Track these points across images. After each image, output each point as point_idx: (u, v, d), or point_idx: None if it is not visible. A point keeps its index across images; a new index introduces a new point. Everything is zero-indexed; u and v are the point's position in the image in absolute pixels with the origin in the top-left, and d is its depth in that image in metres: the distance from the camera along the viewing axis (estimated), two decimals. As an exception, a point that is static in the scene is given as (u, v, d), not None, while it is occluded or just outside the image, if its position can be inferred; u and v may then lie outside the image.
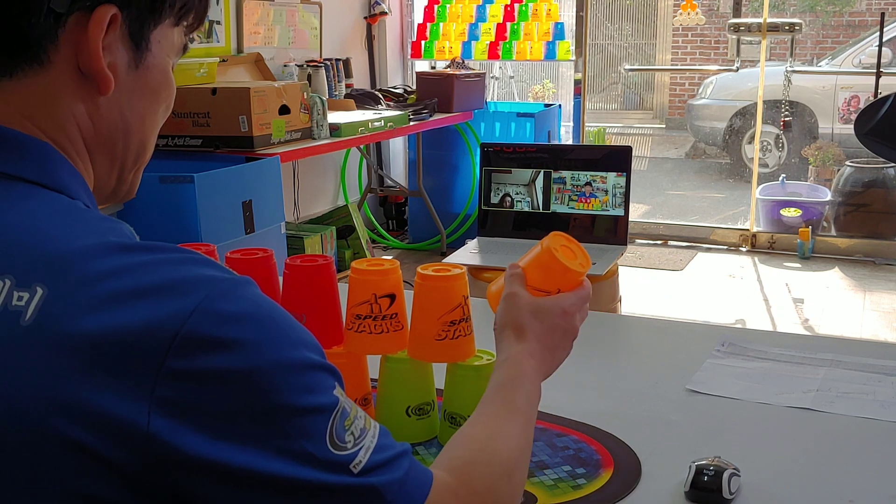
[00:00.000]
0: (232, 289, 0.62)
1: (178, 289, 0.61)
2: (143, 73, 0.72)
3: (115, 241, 0.63)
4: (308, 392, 0.63)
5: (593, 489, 1.01)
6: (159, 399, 0.58)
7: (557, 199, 2.46)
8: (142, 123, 0.74)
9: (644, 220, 5.67)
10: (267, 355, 0.61)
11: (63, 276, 0.60)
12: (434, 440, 1.16)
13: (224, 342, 0.60)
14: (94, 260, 0.61)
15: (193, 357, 0.59)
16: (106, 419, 0.58)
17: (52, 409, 0.58)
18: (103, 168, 0.73)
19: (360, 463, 0.63)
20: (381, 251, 5.25)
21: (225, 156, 3.32)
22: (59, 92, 0.68)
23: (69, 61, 0.67)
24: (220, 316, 0.60)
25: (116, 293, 0.60)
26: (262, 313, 0.63)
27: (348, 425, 0.64)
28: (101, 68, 0.68)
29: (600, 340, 1.55)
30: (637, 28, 9.85)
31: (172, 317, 0.59)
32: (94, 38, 0.66)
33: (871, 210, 5.19)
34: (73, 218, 0.65)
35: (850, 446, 1.12)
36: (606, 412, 1.21)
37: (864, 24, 8.40)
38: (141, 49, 0.71)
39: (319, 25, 4.80)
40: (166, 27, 0.72)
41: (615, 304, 2.55)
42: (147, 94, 0.73)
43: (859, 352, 1.40)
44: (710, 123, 7.58)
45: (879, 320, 4.05)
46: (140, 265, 0.62)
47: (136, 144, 0.75)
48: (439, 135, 5.05)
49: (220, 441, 0.59)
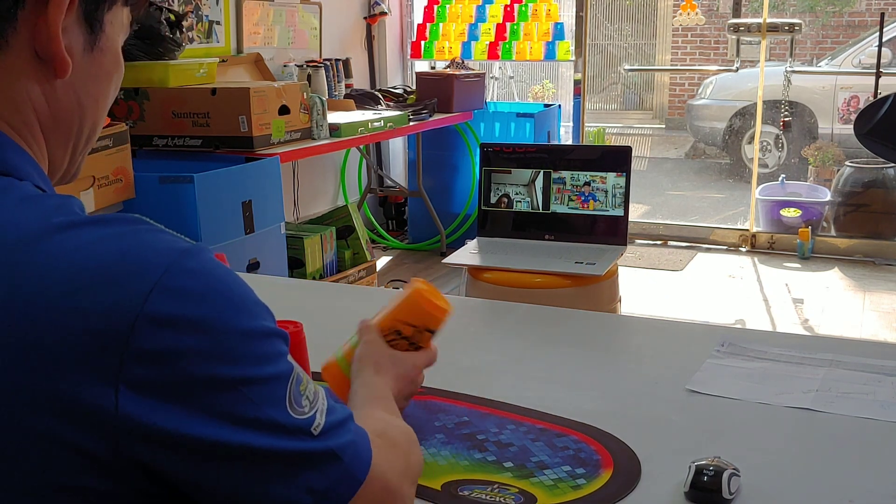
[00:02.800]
0: (188, 260, 0.62)
1: (134, 266, 0.60)
2: (98, 55, 0.71)
3: (62, 220, 0.62)
4: (267, 360, 0.64)
5: (593, 489, 1.01)
6: (125, 381, 0.58)
7: (557, 200, 2.46)
8: (95, 105, 0.73)
9: (644, 221, 5.67)
10: (227, 327, 0.62)
11: (12, 263, 0.59)
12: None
13: (185, 319, 0.60)
14: (43, 243, 0.60)
15: (155, 336, 0.59)
16: (76, 407, 0.58)
17: (23, 403, 0.58)
18: (58, 150, 0.73)
19: (318, 425, 0.66)
20: (381, 251, 5.25)
21: (225, 156, 3.32)
22: (15, 75, 0.67)
23: (26, 44, 0.66)
24: (178, 292, 0.60)
25: (71, 277, 0.59)
26: (220, 285, 0.63)
27: (303, 390, 0.66)
28: (59, 51, 0.66)
29: (600, 340, 1.55)
30: (637, 28, 9.84)
31: (131, 298, 0.59)
32: (53, 21, 0.65)
33: (870, 210, 5.19)
34: (18, 202, 0.64)
35: (850, 446, 1.12)
36: (606, 412, 1.21)
37: (864, 25, 8.40)
38: (95, 31, 0.70)
39: (319, 25, 4.80)
40: (118, 7, 0.72)
41: (615, 305, 2.55)
42: (101, 75, 0.72)
43: (859, 352, 1.40)
44: (710, 123, 7.58)
45: (879, 320, 4.05)
46: (91, 242, 0.61)
47: (90, 126, 0.74)
48: (439, 135, 5.05)
49: (187, 416, 0.60)
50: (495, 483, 1.02)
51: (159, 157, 3.41)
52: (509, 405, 1.23)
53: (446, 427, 1.17)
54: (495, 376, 1.34)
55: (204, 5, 4.04)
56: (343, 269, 3.90)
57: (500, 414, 1.21)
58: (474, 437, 1.14)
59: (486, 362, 1.41)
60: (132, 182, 2.95)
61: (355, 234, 3.97)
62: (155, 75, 3.34)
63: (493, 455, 1.09)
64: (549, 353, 1.45)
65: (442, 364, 1.41)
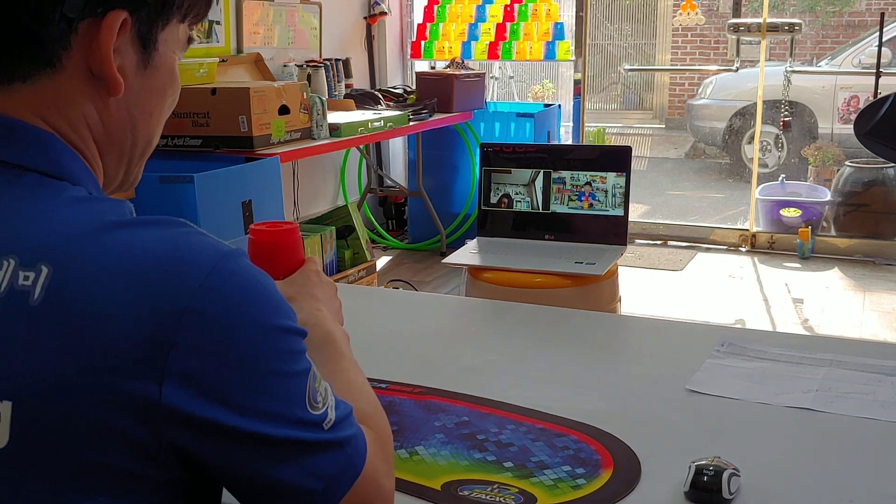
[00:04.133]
0: (229, 262, 0.66)
1: (183, 265, 0.64)
2: (151, 72, 0.74)
3: (114, 219, 0.66)
4: (293, 358, 0.69)
5: (593, 489, 1.01)
6: (169, 372, 0.62)
7: (557, 199, 2.46)
8: (149, 120, 0.76)
9: (644, 221, 5.67)
10: (264, 324, 0.66)
11: (66, 256, 0.63)
12: None
13: (226, 315, 0.64)
14: (96, 239, 0.64)
15: (200, 331, 0.63)
16: (122, 395, 0.61)
17: (74, 390, 0.61)
18: (112, 163, 0.76)
19: (330, 420, 0.70)
20: (381, 251, 5.25)
21: (225, 156, 3.31)
22: (71, 94, 0.70)
23: (81, 65, 0.69)
24: (221, 291, 0.64)
25: (123, 272, 0.63)
26: (257, 285, 0.68)
27: (318, 386, 0.71)
28: (111, 72, 0.70)
29: (600, 340, 1.55)
30: (637, 28, 9.84)
31: (179, 294, 0.63)
32: (105, 43, 0.69)
33: (870, 210, 5.18)
34: (73, 203, 0.67)
35: (850, 446, 1.12)
36: (606, 412, 1.21)
37: (864, 24, 8.40)
38: (149, 50, 0.73)
39: (319, 25, 4.80)
40: (173, 24, 0.74)
41: (615, 305, 2.55)
42: (154, 92, 0.75)
43: (859, 352, 1.40)
44: (710, 123, 7.58)
45: (879, 320, 4.05)
46: (142, 241, 0.65)
47: (143, 140, 0.77)
48: (439, 135, 5.05)
49: (223, 407, 0.64)
50: (495, 483, 1.02)
51: (159, 157, 3.40)
52: (509, 405, 1.23)
53: (446, 427, 1.17)
54: (495, 376, 1.34)
55: (204, 5, 4.04)
56: (343, 269, 3.90)
57: (500, 414, 1.21)
58: (474, 437, 1.14)
59: (486, 362, 1.41)
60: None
61: (355, 233, 3.96)
62: (155, 75, 3.34)
63: (493, 455, 1.09)
64: (549, 353, 1.45)
65: (442, 364, 1.41)
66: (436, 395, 1.27)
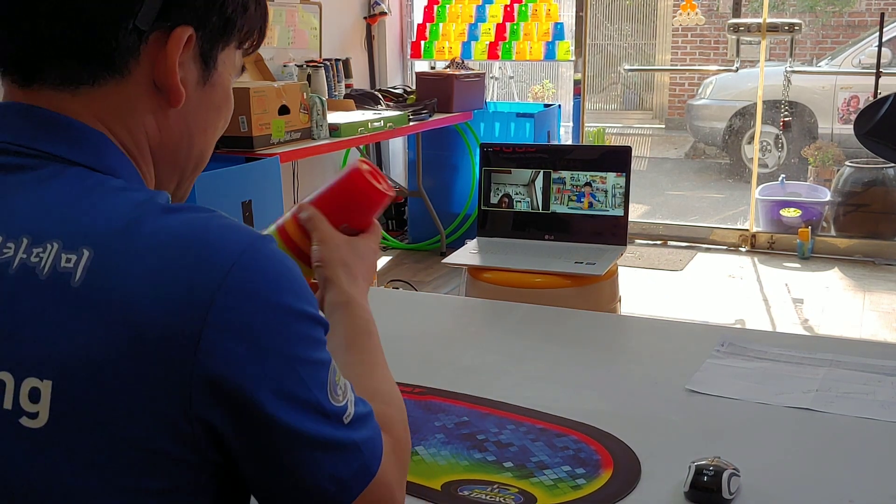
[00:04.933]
0: (262, 245, 0.69)
1: (218, 244, 0.67)
2: (209, 89, 0.79)
3: (151, 207, 0.69)
4: (316, 345, 0.70)
5: (593, 489, 1.01)
6: (202, 347, 0.64)
7: (557, 200, 2.46)
8: (203, 135, 0.81)
9: (644, 221, 5.67)
10: (292, 308, 0.68)
11: (107, 239, 0.66)
12: None
13: (258, 294, 0.66)
14: (134, 226, 0.67)
15: (232, 308, 0.65)
16: (157, 376, 0.63)
17: (110, 369, 0.63)
18: (165, 174, 0.80)
19: (349, 415, 0.71)
20: (381, 251, 5.25)
21: (225, 156, 3.31)
22: (134, 102, 0.74)
23: (146, 74, 0.73)
24: (254, 271, 0.67)
25: (161, 252, 0.65)
26: (287, 270, 0.69)
27: (338, 379, 0.71)
28: (175, 83, 0.74)
29: (600, 340, 1.55)
30: (637, 28, 9.84)
31: (214, 271, 0.65)
32: (171, 55, 0.73)
33: (870, 210, 5.18)
34: (113, 192, 0.70)
35: (850, 446, 1.12)
36: (606, 412, 1.21)
37: (864, 24, 8.40)
38: (209, 67, 0.78)
39: (319, 25, 4.80)
40: (231, 48, 0.79)
41: (615, 305, 2.55)
42: (211, 108, 0.80)
43: (859, 352, 1.40)
44: (710, 123, 7.58)
45: (879, 320, 4.05)
46: (179, 224, 0.67)
47: (197, 153, 0.82)
48: (439, 135, 5.05)
49: (251, 383, 0.65)
50: (495, 483, 1.02)
51: (159, 157, 3.41)
52: (509, 405, 1.23)
53: (446, 427, 1.17)
54: (495, 376, 1.35)
55: (204, 5, 4.04)
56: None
57: (500, 414, 1.21)
58: (474, 437, 1.14)
59: (486, 362, 1.42)
60: (132, 182, 2.95)
61: (355, 234, 3.96)
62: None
63: (493, 455, 1.09)
64: (549, 353, 1.45)
65: (442, 364, 1.41)
66: (436, 395, 1.27)
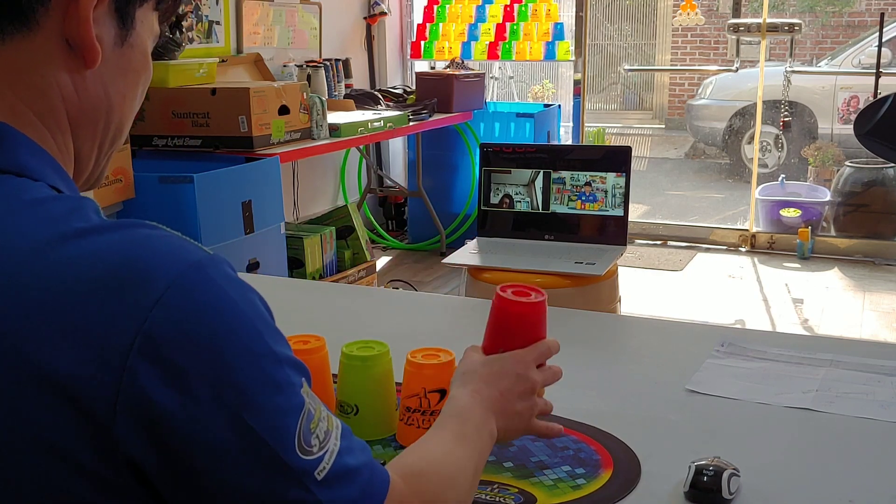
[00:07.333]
0: (196, 273, 0.59)
1: (139, 276, 0.57)
2: (127, 50, 0.71)
3: (71, 228, 0.60)
4: (276, 389, 0.60)
5: (593, 489, 1.01)
6: (122, 402, 0.56)
7: (557, 200, 2.46)
8: (122, 102, 0.73)
9: (644, 221, 5.67)
10: (234, 348, 0.59)
11: (20, 279, 0.58)
12: (392, 437, 1.14)
13: (187, 337, 0.57)
14: (50, 254, 0.58)
15: (156, 356, 0.56)
16: (76, 426, 0.56)
17: (19, 430, 0.57)
18: (86, 144, 0.72)
19: (324, 469, 0.61)
20: (381, 251, 5.25)
21: (224, 156, 3.32)
22: (44, 59, 0.66)
23: (57, 29, 0.66)
24: (182, 309, 0.57)
25: (73, 289, 0.57)
26: (228, 303, 0.60)
27: (314, 428, 0.62)
28: (90, 39, 0.66)
29: (600, 340, 1.55)
30: (637, 28, 9.84)
31: (132, 312, 0.56)
32: (84, 7, 0.65)
33: (870, 210, 5.19)
34: (29, 205, 0.62)
35: (850, 446, 1.12)
36: (606, 412, 1.21)
37: (864, 25, 8.40)
38: (126, 26, 0.70)
39: (319, 26, 4.80)
40: (147, 9, 0.72)
41: (615, 305, 2.55)
42: (129, 72, 0.73)
43: (859, 352, 1.40)
44: (710, 124, 7.58)
45: (879, 320, 4.05)
46: (97, 251, 0.59)
47: (116, 123, 0.74)
48: (439, 135, 5.05)
49: (188, 451, 0.57)
50: (495, 483, 1.02)
51: (159, 157, 3.41)
52: (509, 405, 1.23)
53: (446, 427, 1.17)
54: (495, 376, 1.34)
55: (204, 5, 4.04)
56: (343, 269, 3.90)
57: (500, 414, 1.20)
58: (474, 437, 1.14)
59: (485, 362, 1.41)
60: (132, 182, 2.95)
61: (355, 234, 3.96)
62: (155, 75, 3.31)
63: (492, 455, 1.09)
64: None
65: (442, 364, 1.41)
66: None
